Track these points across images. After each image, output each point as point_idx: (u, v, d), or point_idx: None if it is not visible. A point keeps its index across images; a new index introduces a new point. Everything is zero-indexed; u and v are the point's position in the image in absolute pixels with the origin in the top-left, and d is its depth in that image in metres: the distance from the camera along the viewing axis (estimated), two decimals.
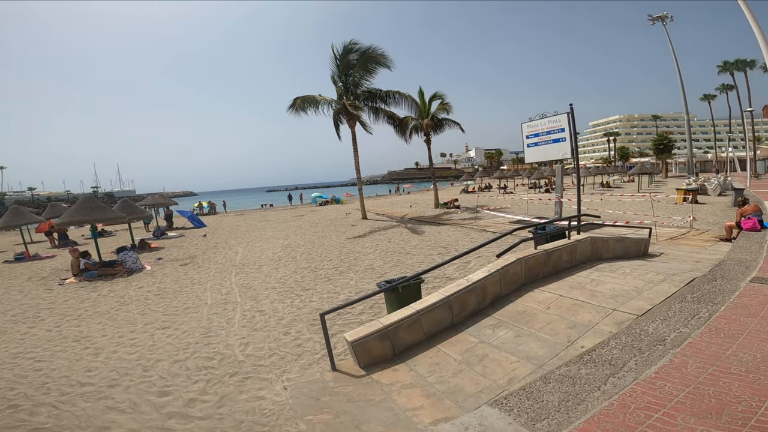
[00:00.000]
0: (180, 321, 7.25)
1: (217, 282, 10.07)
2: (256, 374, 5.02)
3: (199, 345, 6.03)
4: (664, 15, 36.30)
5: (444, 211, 23.10)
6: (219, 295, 8.77)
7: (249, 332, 6.41)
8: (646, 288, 5.51)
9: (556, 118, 8.46)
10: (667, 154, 52.87)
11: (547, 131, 8.69)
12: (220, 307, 7.91)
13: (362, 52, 20.08)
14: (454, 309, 5.25)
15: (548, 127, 8.66)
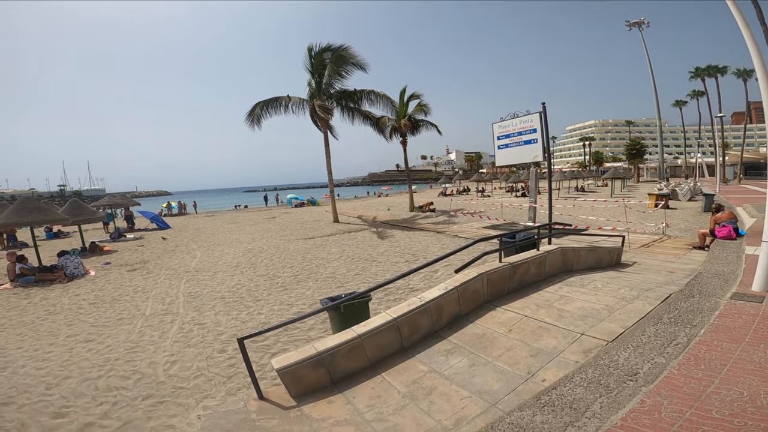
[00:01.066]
0: (108, 333, 6.59)
1: (163, 290, 9.31)
2: (174, 398, 4.44)
3: (119, 362, 5.44)
4: (640, 21, 36.82)
5: (418, 215, 22.55)
6: (161, 305, 8.07)
7: (181, 348, 5.82)
8: (618, 307, 4.99)
9: (528, 117, 7.93)
10: (639, 159, 54.06)
11: (518, 132, 8.15)
12: (158, 318, 7.26)
13: (335, 51, 19.46)
14: (404, 332, 4.58)
15: (520, 127, 8.12)
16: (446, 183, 46.83)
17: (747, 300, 4.57)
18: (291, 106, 20.91)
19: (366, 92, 22.05)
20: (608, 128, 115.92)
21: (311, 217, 25.61)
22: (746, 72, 41.69)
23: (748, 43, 4.79)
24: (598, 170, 65.17)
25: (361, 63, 19.97)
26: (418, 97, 25.22)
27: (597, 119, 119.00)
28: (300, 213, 30.60)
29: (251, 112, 20.47)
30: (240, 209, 43.51)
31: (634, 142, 54.58)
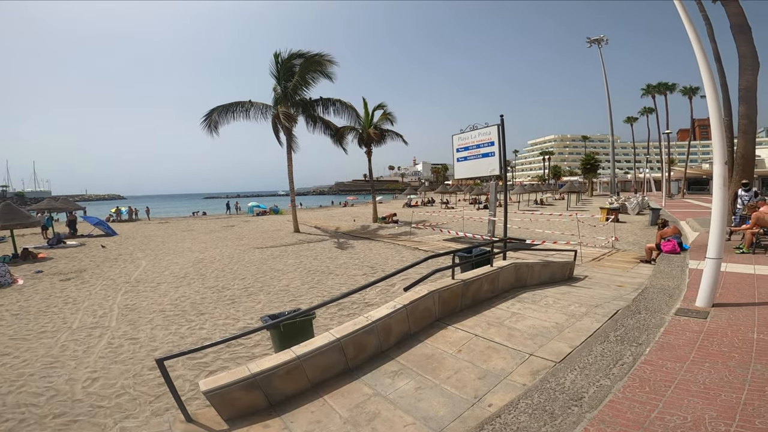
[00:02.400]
0: (26, 347, 6.10)
1: (96, 301, 8.67)
2: (90, 417, 4.13)
3: (34, 377, 5.07)
4: (600, 38, 38.80)
5: (381, 226, 22.39)
6: (91, 318, 7.51)
7: (106, 365, 5.43)
8: (568, 324, 4.94)
9: (486, 130, 7.91)
10: (593, 174, 56.85)
11: (477, 144, 8.12)
12: (85, 332, 6.77)
13: (307, 58, 19.24)
14: (349, 352, 4.29)
15: (478, 140, 8.09)
16: (411, 194, 47.05)
17: (691, 316, 4.62)
18: (252, 112, 20.31)
19: (332, 101, 21.82)
20: (566, 143, 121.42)
21: (272, 227, 24.87)
22: (692, 89, 44.64)
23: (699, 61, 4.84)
24: (556, 184, 67.85)
25: (329, 72, 19.80)
26: (384, 107, 25.24)
27: (557, 134, 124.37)
28: (260, 222, 29.67)
29: (208, 117, 19.69)
30: (197, 216, 41.69)
31: (588, 157, 57.35)
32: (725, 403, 2.79)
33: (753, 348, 3.61)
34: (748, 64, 11.24)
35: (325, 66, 19.56)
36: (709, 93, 4.74)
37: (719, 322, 4.32)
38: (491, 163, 7.57)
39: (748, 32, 11.29)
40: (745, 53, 11.27)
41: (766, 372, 3.14)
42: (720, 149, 4.55)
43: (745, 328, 4.08)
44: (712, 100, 4.67)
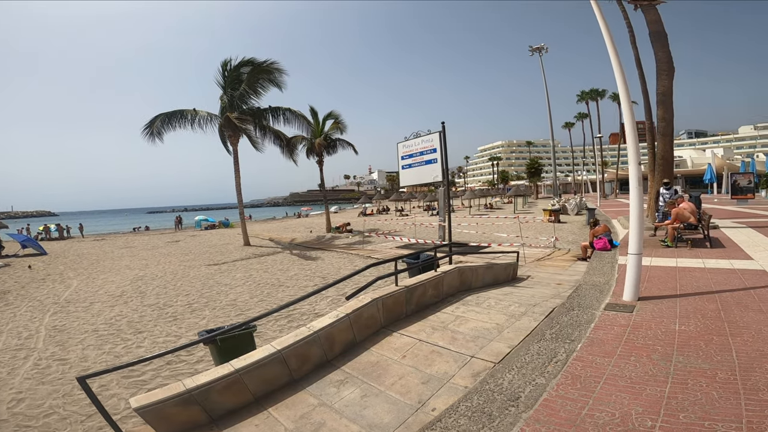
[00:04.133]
0: None
1: (21, 323, 8.11)
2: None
3: None
4: (541, 46, 40.87)
5: (335, 236, 22.15)
6: (15, 340, 7.08)
7: (33, 385, 5.21)
8: (508, 325, 5.07)
9: (429, 137, 8.06)
10: (537, 178, 60.01)
11: (420, 152, 8.25)
12: (9, 354, 6.46)
13: (256, 66, 18.79)
14: (292, 364, 4.17)
15: (422, 147, 8.23)
16: (366, 203, 47.09)
17: (619, 310, 4.88)
18: (198, 121, 19.44)
19: (282, 110, 21.36)
20: (513, 148, 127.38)
21: (220, 241, 23.87)
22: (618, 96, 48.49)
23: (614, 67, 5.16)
24: (504, 188, 70.83)
25: (279, 81, 19.43)
26: (335, 116, 25.13)
27: (504, 140, 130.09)
28: (209, 236, 28.35)
29: (150, 125, 18.55)
30: (139, 232, 39.15)
31: (533, 161, 60.54)
32: (651, 397, 2.91)
33: (675, 340, 3.85)
34: (664, 69, 12.19)
35: (274, 74, 19.19)
36: (622, 98, 5.11)
37: (644, 315, 4.59)
38: (434, 170, 7.71)
39: (664, 39, 12.22)
40: (661, 59, 12.21)
41: (687, 364, 3.33)
42: (634, 151, 4.89)
43: (667, 320, 4.36)
44: (625, 105, 5.03)
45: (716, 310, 4.52)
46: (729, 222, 13.10)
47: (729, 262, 7.02)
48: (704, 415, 2.57)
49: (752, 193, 24.32)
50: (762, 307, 4.49)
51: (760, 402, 2.62)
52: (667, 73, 12.24)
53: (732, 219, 14.07)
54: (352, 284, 8.64)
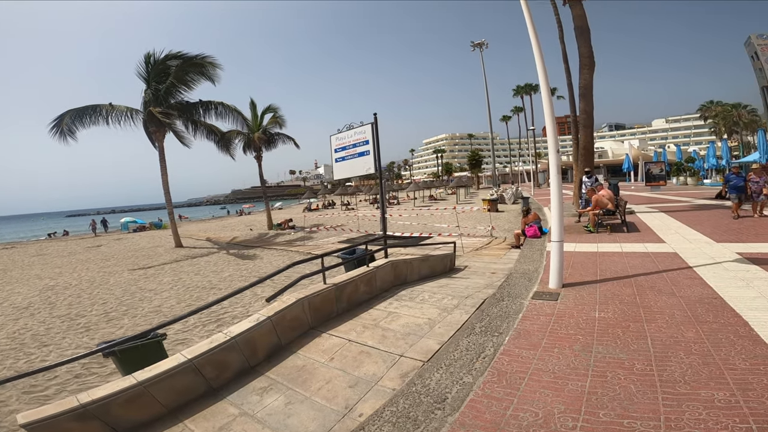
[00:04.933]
0: None
1: None
2: None
3: None
4: (482, 42, 42.00)
5: (277, 233, 21.33)
6: None
7: None
8: (440, 319, 4.98)
9: (361, 129, 7.80)
10: (478, 169, 62.29)
11: (353, 144, 7.96)
12: None
13: (186, 59, 17.57)
14: (208, 372, 3.81)
15: (354, 139, 7.94)
16: (311, 198, 46.08)
17: (545, 299, 4.95)
18: (116, 117, 17.67)
19: (214, 104, 20.06)
20: (456, 141, 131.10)
21: (149, 243, 22.08)
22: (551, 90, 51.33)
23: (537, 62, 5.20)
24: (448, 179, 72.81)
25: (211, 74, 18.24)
26: (274, 110, 24.17)
27: (448, 132, 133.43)
28: (136, 239, 26.15)
29: (59, 122, 16.58)
30: (55, 238, 35.30)
31: (474, 153, 62.71)
32: (572, 393, 2.86)
33: (595, 328, 3.91)
34: (586, 63, 12.86)
35: (207, 68, 18.05)
36: (543, 92, 5.17)
37: (567, 303, 4.68)
38: (367, 162, 7.46)
39: (587, 34, 12.87)
40: (584, 53, 12.87)
41: (606, 354, 3.35)
42: (553, 142, 4.97)
43: (588, 308, 4.45)
44: (546, 99, 5.08)
45: (632, 294, 4.71)
46: (644, 207, 14.25)
47: (644, 245, 7.51)
48: (623, 413, 2.54)
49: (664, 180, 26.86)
50: (674, 290, 4.74)
51: (677, 396, 2.65)
52: (588, 67, 12.91)
53: (646, 204, 15.35)
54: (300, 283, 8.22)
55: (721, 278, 5.02)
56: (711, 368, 2.91)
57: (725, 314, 3.85)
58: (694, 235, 8.18)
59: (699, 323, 3.71)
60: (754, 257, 5.97)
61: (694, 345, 3.30)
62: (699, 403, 2.52)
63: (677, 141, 79.87)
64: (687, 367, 2.98)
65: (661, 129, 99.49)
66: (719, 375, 2.81)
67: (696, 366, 2.97)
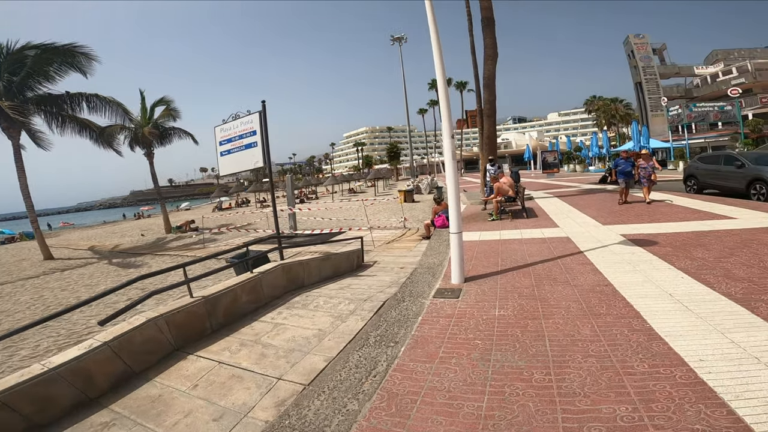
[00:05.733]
0: None
1: None
2: None
3: None
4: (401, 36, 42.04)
5: (178, 236, 19.11)
6: None
7: None
8: (331, 329, 4.36)
9: (248, 118, 6.90)
10: (397, 161, 63.19)
11: (239, 135, 7.03)
12: None
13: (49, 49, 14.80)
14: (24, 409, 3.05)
15: (241, 129, 7.02)
16: (221, 196, 42.74)
17: (447, 296, 4.57)
18: None
19: (85, 96, 17.15)
20: (376, 134, 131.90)
21: (13, 257, 18.57)
22: (462, 84, 53.52)
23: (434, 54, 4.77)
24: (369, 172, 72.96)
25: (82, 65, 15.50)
26: (167, 101, 21.61)
27: (368, 126, 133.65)
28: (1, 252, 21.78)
29: None
30: None
31: (392, 146, 63.44)
32: (467, 418, 2.41)
33: (494, 329, 3.56)
34: (490, 54, 13.13)
35: (78, 59, 15.30)
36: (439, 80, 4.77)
37: (468, 300, 4.34)
38: (254, 155, 6.59)
39: (493, 25, 13.09)
40: (489, 44, 13.11)
41: (504, 362, 2.99)
42: (447, 125, 4.62)
43: (489, 305, 4.14)
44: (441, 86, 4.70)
45: (531, 286, 4.53)
46: (541, 193, 15.18)
47: (541, 231, 7.67)
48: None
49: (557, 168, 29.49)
50: (568, 278, 4.66)
51: (577, 415, 2.30)
52: (492, 58, 13.19)
53: (544, 190, 16.42)
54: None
55: (610, 263, 5.11)
56: (610, 374, 2.67)
57: (617, 304, 3.76)
58: (584, 219, 8.64)
59: (594, 317, 3.56)
60: (636, 238, 6.30)
61: (591, 344, 3.08)
62: (601, 424, 2.19)
63: (568, 132, 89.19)
64: (586, 373, 2.71)
65: (555, 122, 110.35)
66: (619, 382, 2.56)
67: (594, 372, 2.71)
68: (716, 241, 5.70)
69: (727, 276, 4.19)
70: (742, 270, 4.34)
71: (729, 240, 5.73)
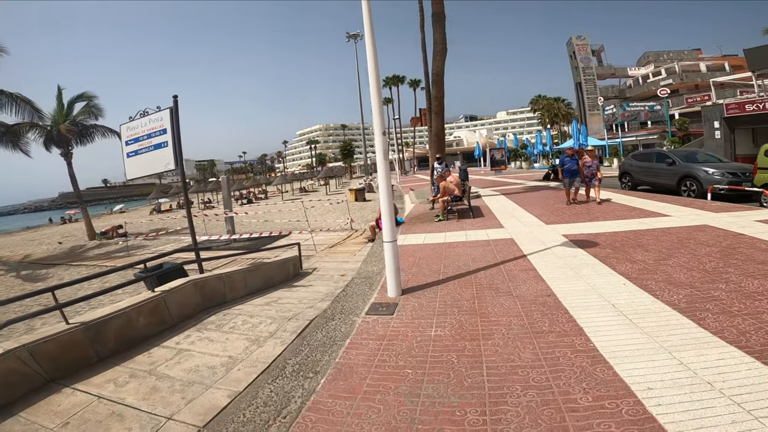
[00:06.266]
0: None
1: None
2: None
3: None
4: (357, 33, 41.15)
5: (101, 243, 17.30)
6: None
7: None
8: (245, 356, 3.73)
9: (157, 115, 6.07)
10: (351, 159, 62.40)
11: (148, 134, 6.18)
12: None
13: None
14: None
15: (150, 128, 6.17)
16: (161, 198, 39.84)
17: (381, 313, 4.07)
18: None
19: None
20: (330, 132, 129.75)
21: None
22: (416, 82, 53.37)
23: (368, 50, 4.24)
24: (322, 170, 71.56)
25: None
26: (89, 98, 19.63)
27: (322, 123, 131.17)
28: None
29: None
30: None
31: (346, 143, 62.51)
32: None
33: (429, 354, 3.10)
34: (439, 50, 12.79)
35: None
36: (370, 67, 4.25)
37: (404, 317, 3.86)
38: (165, 155, 5.78)
39: (443, 20, 12.72)
40: (437, 40, 12.75)
41: (436, 398, 2.52)
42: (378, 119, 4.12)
43: (425, 322, 3.68)
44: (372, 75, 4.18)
45: (472, 298, 4.13)
46: (489, 191, 15.22)
47: (486, 232, 7.41)
48: None
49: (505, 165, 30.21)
50: (510, 287, 4.32)
51: None
52: (441, 53, 12.87)
53: (491, 188, 16.52)
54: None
55: (553, 267, 4.85)
56: (551, 410, 2.27)
57: (560, 319, 3.44)
58: (528, 218, 8.52)
59: (536, 335, 3.20)
60: (577, 239, 6.16)
61: (531, 372, 2.69)
62: None
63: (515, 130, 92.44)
64: (525, 411, 2.29)
65: (504, 120, 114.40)
66: (560, 422, 2.16)
67: (534, 408, 2.30)
68: (654, 241, 5.66)
69: (669, 281, 4.03)
70: (683, 274, 4.21)
71: (666, 240, 5.71)
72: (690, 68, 42.69)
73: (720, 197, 9.15)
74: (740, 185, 9.34)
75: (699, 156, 11.60)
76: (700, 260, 4.60)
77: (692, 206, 8.21)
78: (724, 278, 3.98)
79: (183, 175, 5.83)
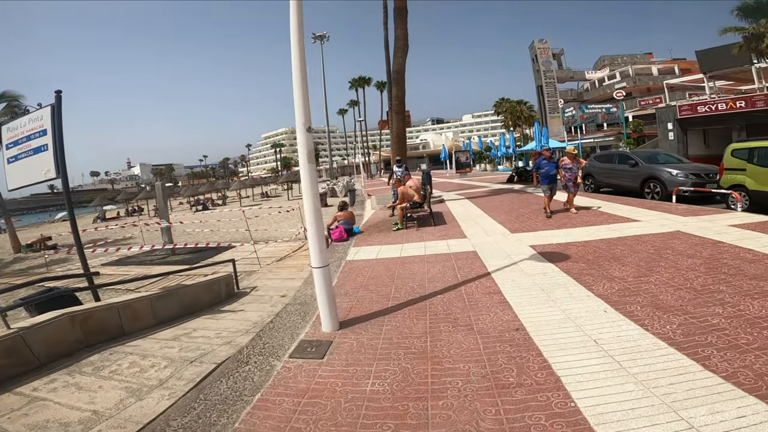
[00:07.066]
0: None
1: None
2: None
3: None
4: (323, 34, 39.81)
5: (26, 256, 15.36)
6: None
7: None
8: (115, 410, 2.77)
9: (37, 114, 4.95)
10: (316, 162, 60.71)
11: (27, 136, 5.00)
12: None
13: None
14: None
15: (29, 129, 5.03)
16: (106, 204, 36.93)
17: (308, 356, 3.17)
18: None
19: None
20: (296, 135, 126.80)
21: None
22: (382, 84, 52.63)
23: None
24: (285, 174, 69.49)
25: None
26: (11, 97, 17.54)
27: (288, 126, 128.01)
28: None
29: None
30: None
31: None
32: None
33: (359, 422, 2.26)
34: (400, 46, 12.07)
35: None
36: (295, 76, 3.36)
37: (336, 363, 2.99)
38: (46, 162, 4.66)
39: (405, 16, 12.00)
40: (399, 36, 12.02)
41: None
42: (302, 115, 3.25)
43: (361, 370, 2.82)
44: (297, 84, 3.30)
45: (424, 333, 3.30)
46: (453, 194, 14.59)
47: (447, 243, 6.63)
48: None
49: (470, 167, 30.02)
50: (471, 317, 3.52)
51: None
52: (402, 50, 12.18)
53: (456, 191, 15.92)
54: None
55: (521, 289, 4.10)
56: None
57: (532, 364, 2.67)
58: (492, 225, 7.84)
59: (500, 391, 2.40)
60: (546, 251, 5.50)
61: None
62: None
63: (480, 133, 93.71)
64: None
65: (469, 123, 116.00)
66: None
67: None
68: (629, 252, 5.07)
69: (657, 306, 3.36)
70: (670, 295, 3.56)
71: (641, 249, 5.14)
72: (642, 71, 44.41)
73: (684, 199, 8.89)
74: (704, 187, 9.12)
75: (660, 157, 11.46)
76: (686, 276, 4.00)
77: (659, 209, 7.83)
78: (718, 299, 3.37)
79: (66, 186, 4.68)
